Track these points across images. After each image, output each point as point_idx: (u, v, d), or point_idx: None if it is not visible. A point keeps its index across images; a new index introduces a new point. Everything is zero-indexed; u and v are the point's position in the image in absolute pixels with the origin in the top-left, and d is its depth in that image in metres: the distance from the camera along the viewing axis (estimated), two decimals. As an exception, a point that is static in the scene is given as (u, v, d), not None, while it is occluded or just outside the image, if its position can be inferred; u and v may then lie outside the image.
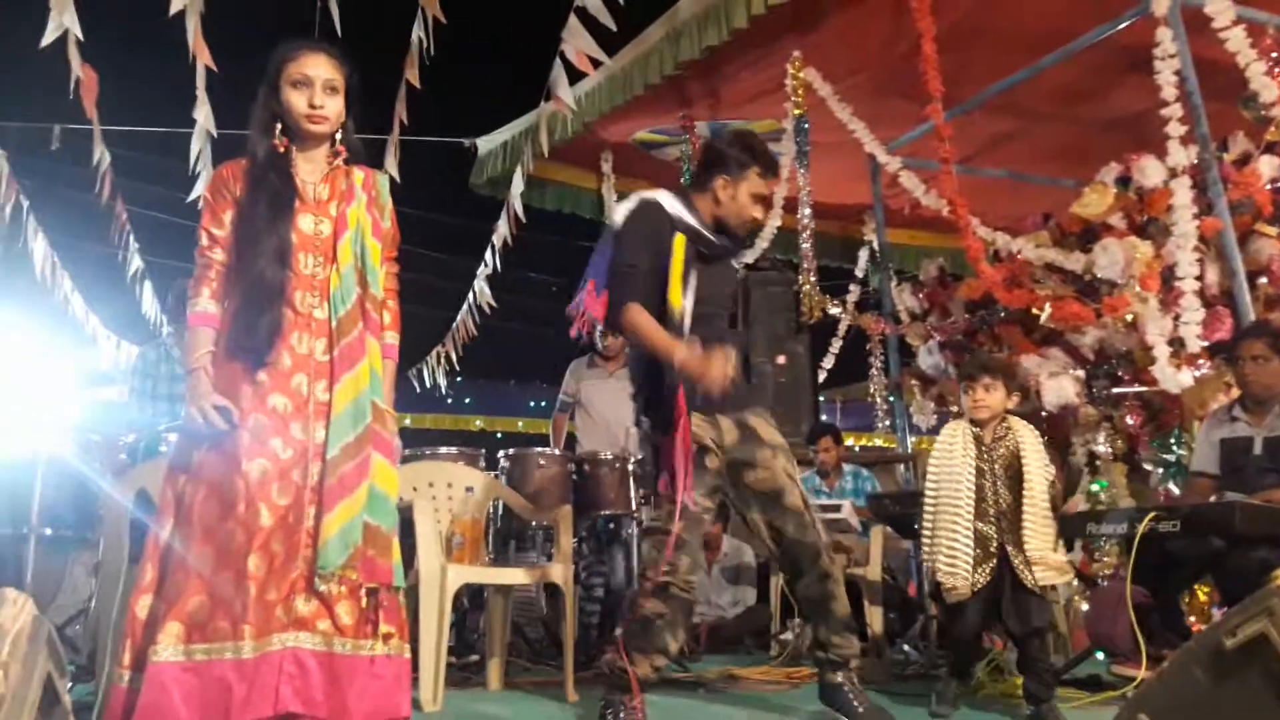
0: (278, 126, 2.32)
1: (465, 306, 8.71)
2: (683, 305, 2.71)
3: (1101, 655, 3.93)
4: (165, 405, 4.38)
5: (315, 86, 2.28)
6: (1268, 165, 4.67)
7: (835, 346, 8.21)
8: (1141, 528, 3.13)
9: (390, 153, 5.90)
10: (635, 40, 6.03)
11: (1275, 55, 4.70)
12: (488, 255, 7.77)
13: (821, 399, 9.06)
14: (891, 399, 6.91)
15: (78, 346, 8.94)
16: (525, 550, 4.47)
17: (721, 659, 4.58)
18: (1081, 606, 4.76)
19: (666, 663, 2.83)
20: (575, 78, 5.16)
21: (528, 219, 7.10)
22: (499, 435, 16.71)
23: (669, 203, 2.86)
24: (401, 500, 2.58)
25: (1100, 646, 3.92)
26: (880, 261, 7.08)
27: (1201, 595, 4.22)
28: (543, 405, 14.60)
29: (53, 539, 3.47)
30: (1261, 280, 4.63)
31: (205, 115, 5.12)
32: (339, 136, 2.38)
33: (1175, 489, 4.62)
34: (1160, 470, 4.85)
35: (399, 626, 2.24)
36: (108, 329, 9.56)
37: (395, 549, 2.26)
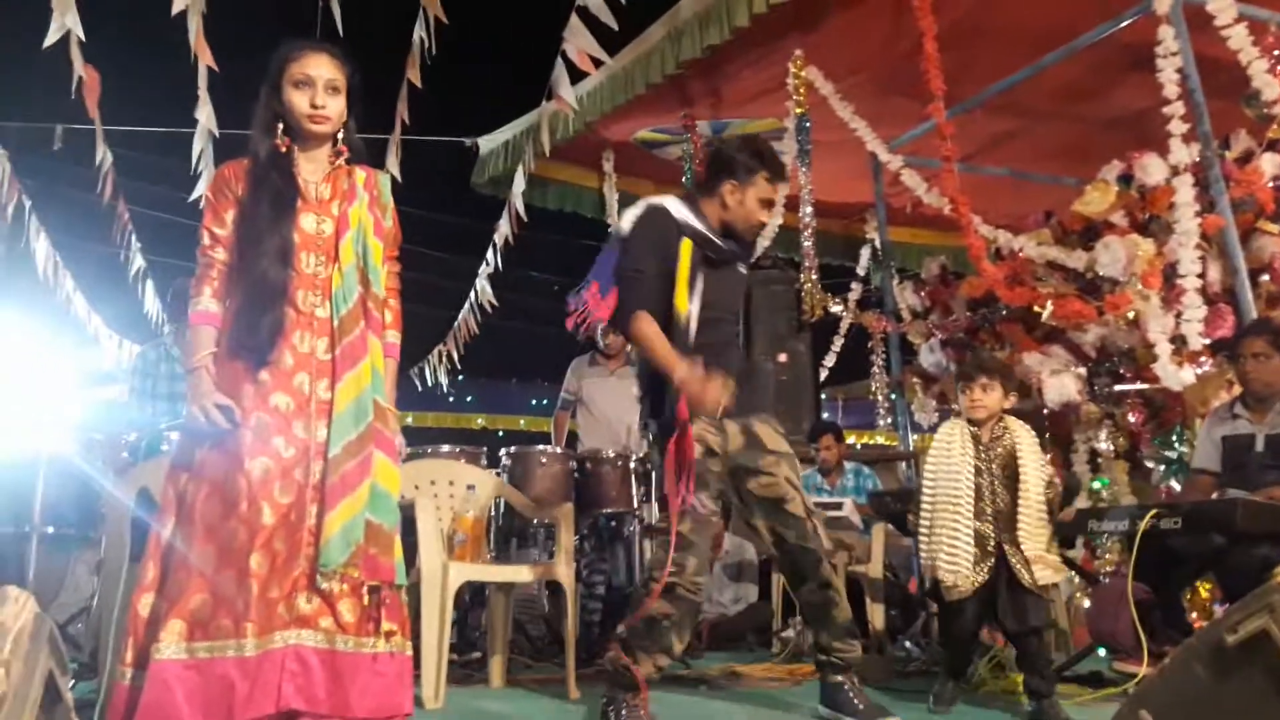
0: (280, 126, 2.33)
1: (467, 305, 8.72)
2: (689, 310, 2.74)
3: (1103, 652, 3.94)
4: (165, 404, 4.38)
5: (317, 86, 2.29)
6: (1270, 163, 4.66)
7: (837, 345, 8.23)
8: (1143, 525, 3.14)
9: (392, 152, 5.90)
10: (637, 39, 6.03)
11: (1277, 53, 4.69)
12: (489, 254, 7.77)
13: (823, 397, 9.08)
14: (893, 397, 6.91)
15: (80, 346, 8.94)
16: (527, 548, 4.48)
17: (723, 656, 4.58)
18: (1083, 603, 4.76)
19: (670, 662, 2.84)
20: (577, 77, 5.16)
21: (529, 218, 7.09)
22: (501, 433, 16.73)
23: (675, 208, 2.88)
24: (403, 498, 2.59)
25: (1102, 643, 3.92)
26: (882, 260, 7.08)
27: (1203, 592, 4.22)
28: (544, 403, 14.61)
29: (55, 537, 3.48)
30: (1263, 278, 4.63)
31: (207, 115, 5.12)
32: (341, 136, 2.38)
33: (1177, 486, 4.62)
34: (1162, 468, 4.85)
35: (401, 624, 2.24)
36: (110, 328, 9.57)
37: (397, 547, 2.26)
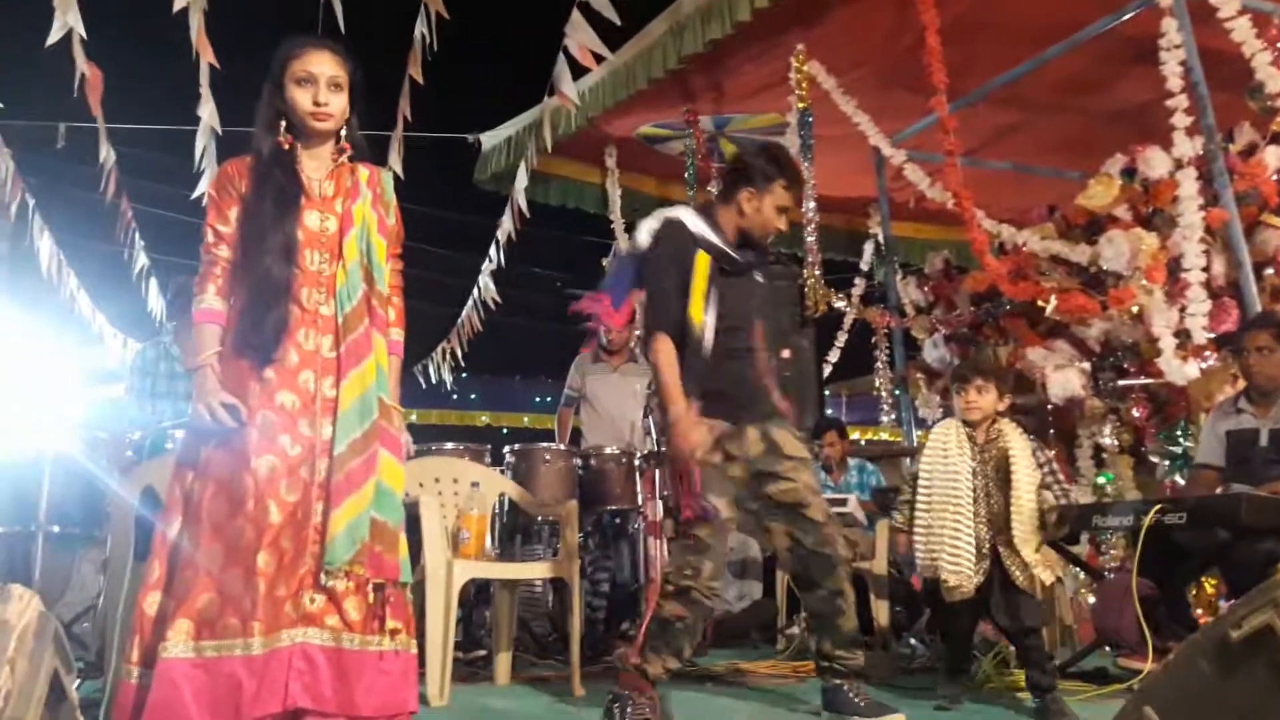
0: (282, 124, 2.32)
1: (470, 302, 8.71)
2: (704, 321, 2.78)
3: (1108, 648, 3.93)
4: (165, 403, 4.37)
5: (320, 84, 2.28)
6: (1274, 156, 4.65)
7: (840, 340, 8.22)
8: (1148, 520, 3.13)
9: (394, 149, 5.89)
10: (638, 34, 6.02)
11: (1281, 45, 4.68)
12: (492, 251, 7.76)
13: (827, 393, 9.07)
14: (897, 392, 6.91)
15: (84, 344, 8.94)
16: (531, 545, 4.48)
17: (728, 653, 4.58)
18: (1088, 599, 4.76)
19: (678, 665, 2.85)
20: (579, 72, 5.15)
21: (532, 214, 7.09)
22: (505, 430, 16.75)
23: (691, 221, 2.91)
24: (407, 496, 2.59)
25: (1107, 639, 3.91)
26: (885, 254, 7.08)
27: (1208, 587, 4.22)
28: (548, 400, 14.62)
29: (60, 536, 3.49)
30: (1268, 271, 4.62)
31: (209, 112, 5.11)
32: (344, 133, 2.38)
33: (1182, 481, 4.61)
34: (1166, 462, 4.84)
35: (406, 622, 2.24)
36: (114, 327, 9.57)
37: (402, 544, 2.26)
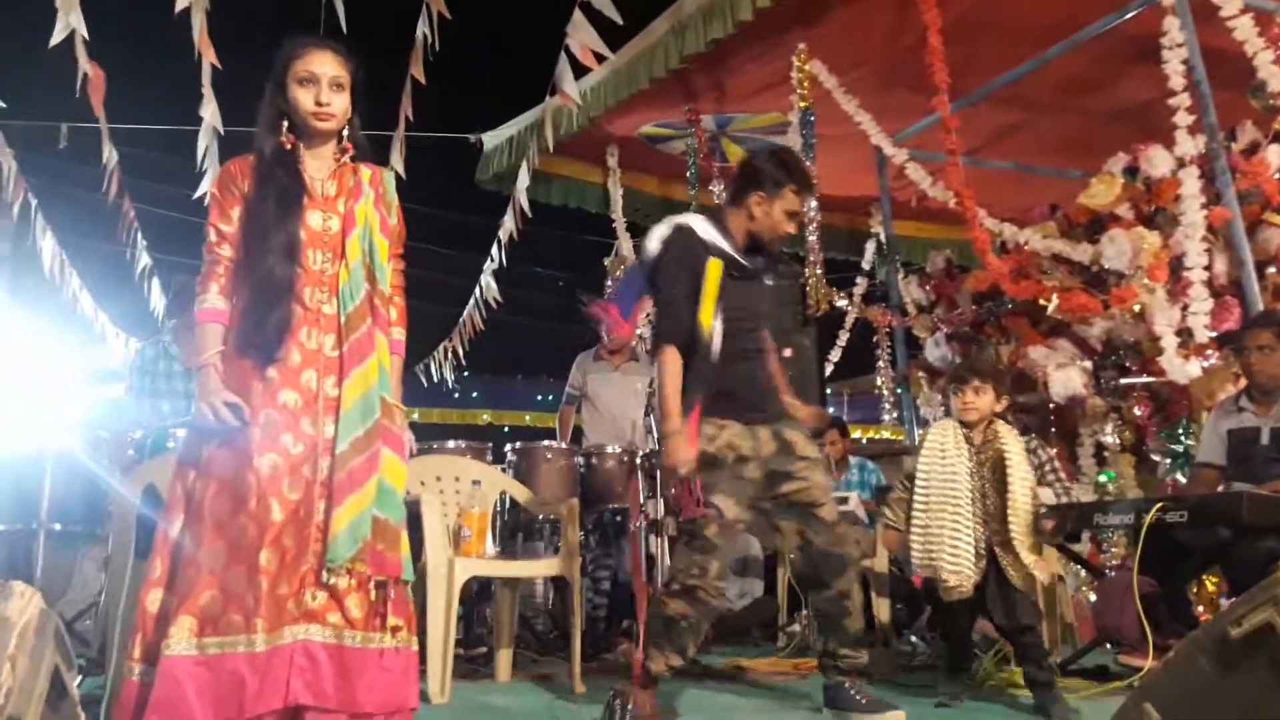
0: (284, 124, 2.32)
1: (472, 302, 8.72)
2: (712, 325, 2.81)
3: (1109, 645, 3.93)
4: (165, 402, 4.36)
5: (321, 84, 2.29)
6: (1276, 154, 4.65)
7: (842, 339, 8.24)
8: (1149, 518, 3.14)
9: (396, 149, 5.90)
10: (640, 34, 6.02)
11: (1283, 44, 4.68)
12: (494, 250, 7.76)
13: (828, 392, 9.08)
14: (899, 391, 6.91)
15: (87, 344, 8.96)
16: (532, 543, 4.48)
17: (729, 650, 4.58)
18: (1089, 597, 4.76)
19: (682, 663, 2.85)
20: (580, 72, 5.16)
21: (534, 214, 7.09)
22: (506, 429, 16.74)
23: (701, 228, 2.93)
24: (409, 494, 2.60)
25: (1108, 637, 3.92)
26: (887, 254, 7.07)
27: (1210, 585, 4.22)
28: (549, 399, 14.63)
29: (62, 534, 3.50)
30: (1270, 270, 4.62)
31: (211, 113, 5.12)
32: (346, 133, 2.38)
33: (1183, 479, 4.61)
34: (1168, 461, 4.84)
35: (407, 619, 2.24)
36: (116, 326, 9.58)
37: (404, 542, 2.27)
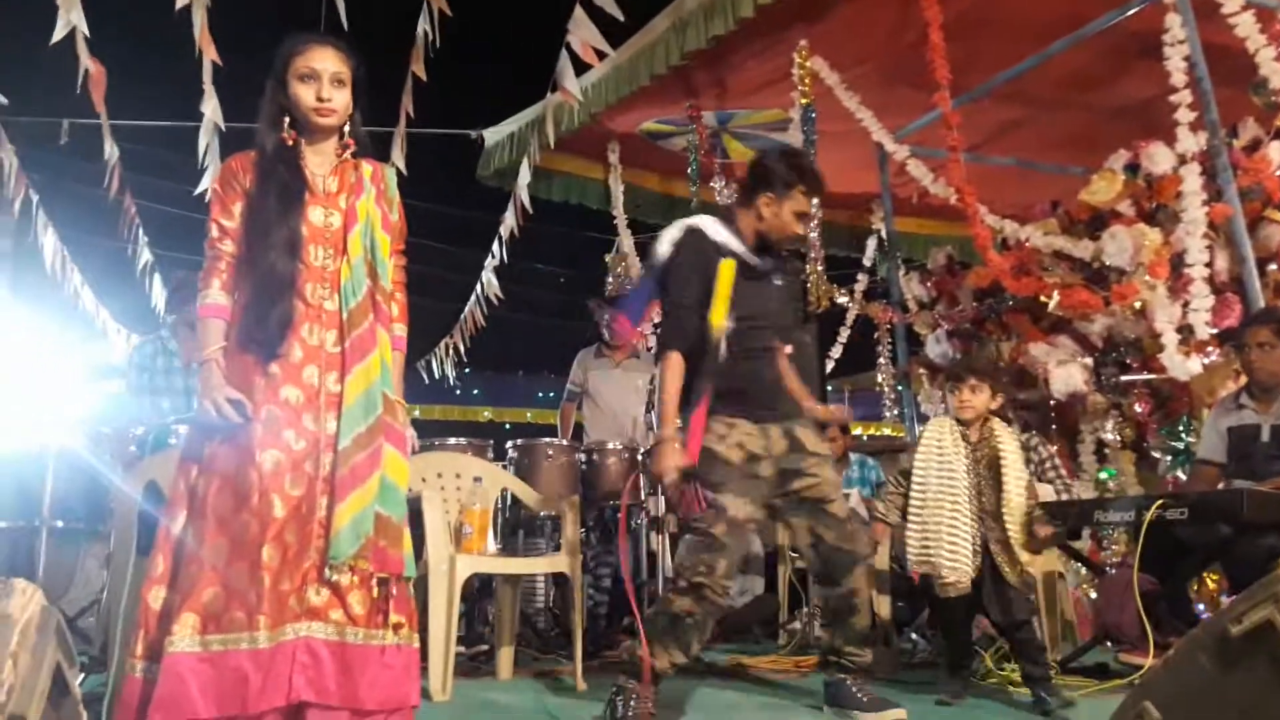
0: (286, 120, 2.32)
1: (473, 298, 8.71)
2: (723, 325, 2.82)
3: (1109, 643, 3.94)
4: (164, 399, 4.35)
5: (323, 80, 2.28)
6: (1277, 151, 4.64)
7: (843, 335, 8.23)
8: (1149, 515, 3.14)
9: (397, 146, 5.90)
10: (641, 30, 6.01)
11: (1285, 40, 4.67)
12: (495, 247, 7.75)
13: (829, 388, 9.07)
14: (899, 388, 6.91)
15: (88, 340, 8.96)
16: (533, 540, 4.49)
17: (730, 648, 4.59)
18: (1089, 595, 4.76)
19: (685, 660, 2.85)
20: (581, 68, 5.15)
21: (535, 210, 7.09)
22: (507, 426, 16.72)
23: (712, 229, 2.94)
24: (410, 491, 2.60)
25: (1108, 634, 3.92)
26: (888, 250, 7.07)
27: (1210, 583, 4.22)
28: (550, 396, 14.61)
29: (64, 531, 3.50)
30: (1271, 267, 4.62)
31: (213, 109, 5.12)
32: (347, 129, 2.38)
33: (1183, 476, 4.61)
34: (1169, 458, 4.84)
35: (409, 616, 2.24)
36: (118, 322, 9.58)
37: (406, 539, 2.27)
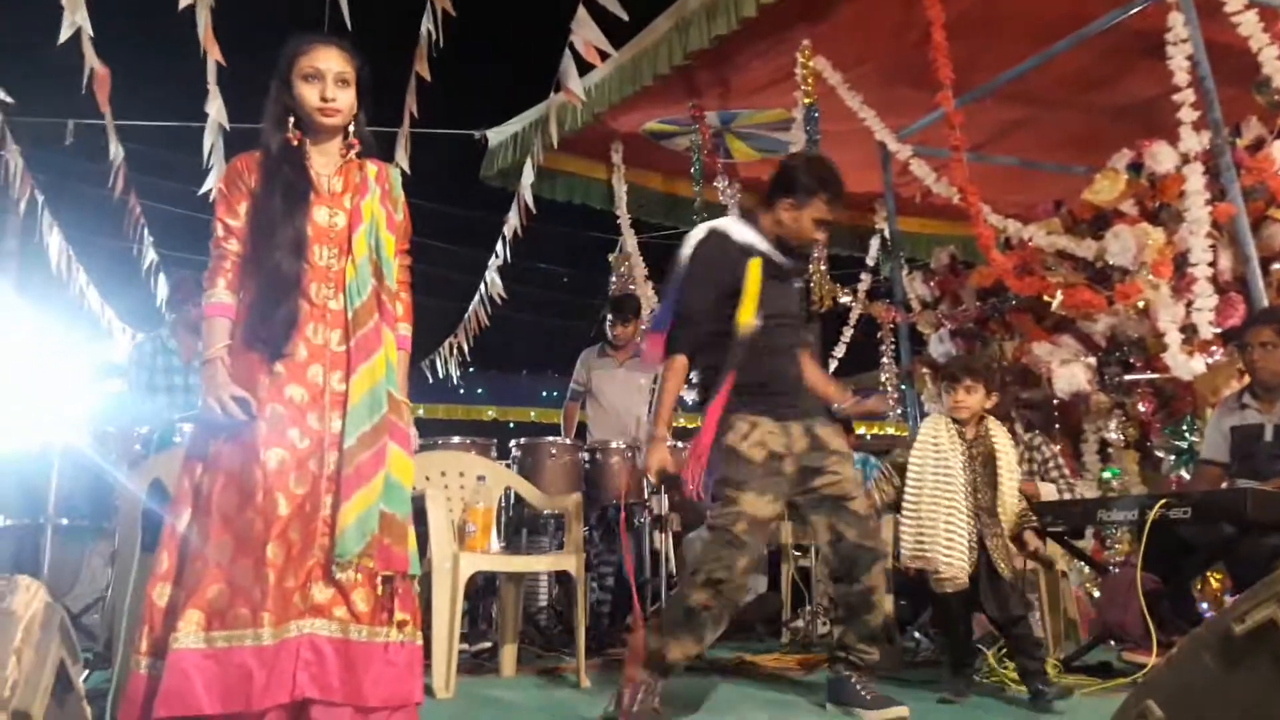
0: (290, 120, 2.33)
1: (477, 298, 8.72)
2: (752, 323, 2.85)
3: (1112, 642, 3.93)
4: (164, 398, 4.36)
5: (327, 80, 2.29)
6: (1281, 150, 4.64)
7: (846, 335, 8.22)
8: (1153, 515, 3.14)
9: (401, 145, 5.91)
10: (644, 31, 6.02)
11: (1289, 39, 4.67)
12: (498, 246, 7.76)
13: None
14: (903, 387, 6.91)
15: (94, 339, 8.98)
16: (537, 538, 4.50)
17: (733, 645, 4.59)
18: (1092, 593, 4.76)
19: (697, 653, 2.86)
20: (584, 69, 5.16)
21: (538, 210, 7.09)
22: (511, 425, 16.73)
23: (738, 231, 2.98)
24: (414, 489, 2.60)
25: (1111, 633, 3.92)
26: (891, 250, 7.07)
27: (1213, 582, 4.22)
28: (554, 395, 14.63)
29: (69, 529, 3.52)
30: (1275, 266, 4.62)
31: (217, 109, 5.13)
32: (351, 129, 2.39)
33: (1187, 476, 4.61)
34: (1172, 457, 4.85)
35: (413, 614, 2.25)
36: (123, 322, 9.61)
37: (410, 537, 2.27)
